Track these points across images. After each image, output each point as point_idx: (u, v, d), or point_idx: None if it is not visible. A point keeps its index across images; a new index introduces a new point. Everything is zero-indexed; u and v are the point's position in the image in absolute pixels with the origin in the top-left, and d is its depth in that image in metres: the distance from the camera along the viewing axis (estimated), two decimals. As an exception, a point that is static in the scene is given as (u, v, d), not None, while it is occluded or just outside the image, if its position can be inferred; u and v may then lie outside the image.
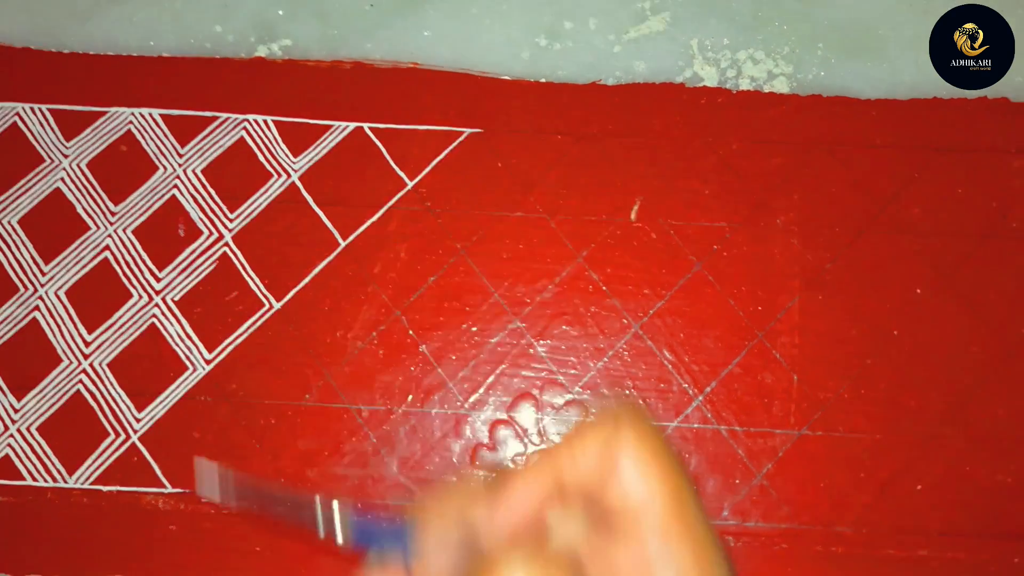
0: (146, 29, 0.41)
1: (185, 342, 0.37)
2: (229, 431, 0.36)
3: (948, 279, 0.37)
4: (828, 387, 0.36)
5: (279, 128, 0.39)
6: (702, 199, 0.38)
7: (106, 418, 0.36)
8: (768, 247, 0.37)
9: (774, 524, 0.35)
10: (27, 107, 0.40)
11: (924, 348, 0.36)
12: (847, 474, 0.35)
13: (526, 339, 0.37)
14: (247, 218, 0.38)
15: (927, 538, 0.34)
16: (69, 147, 0.39)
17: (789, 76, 0.39)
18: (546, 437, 0.36)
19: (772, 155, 0.38)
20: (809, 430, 0.35)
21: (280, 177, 0.39)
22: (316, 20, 0.41)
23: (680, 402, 0.36)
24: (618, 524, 0.24)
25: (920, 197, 0.37)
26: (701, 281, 0.37)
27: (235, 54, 0.41)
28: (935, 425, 0.35)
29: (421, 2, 0.41)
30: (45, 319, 0.38)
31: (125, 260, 0.38)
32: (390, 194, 0.38)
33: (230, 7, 0.41)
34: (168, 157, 0.39)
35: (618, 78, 0.40)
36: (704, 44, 0.40)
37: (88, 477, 0.36)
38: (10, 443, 0.36)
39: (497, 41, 0.40)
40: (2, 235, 0.38)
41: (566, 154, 0.39)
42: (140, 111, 0.40)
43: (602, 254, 0.38)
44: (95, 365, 0.37)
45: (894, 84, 0.39)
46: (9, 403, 0.37)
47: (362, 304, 0.37)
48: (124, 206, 0.39)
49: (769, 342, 0.36)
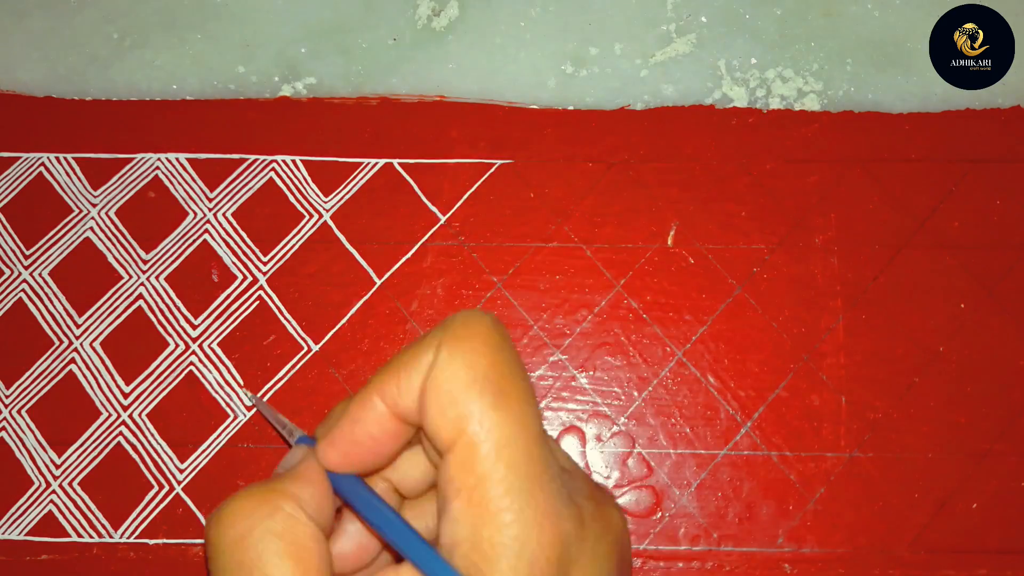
0: (168, 73, 0.41)
1: (224, 389, 0.37)
2: (273, 477, 0.36)
3: (991, 292, 0.36)
4: (877, 407, 0.35)
5: (308, 168, 0.39)
6: (738, 221, 0.38)
7: (148, 470, 0.36)
8: (808, 267, 0.37)
9: (830, 549, 0.34)
10: (52, 157, 0.40)
11: (971, 363, 0.36)
12: (901, 495, 0.34)
13: (568, 371, 0.37)
14: (281, 260, 0.38)
15: (986, 556, 0.34)
16: (97, 196, 0.39)
17: (819, 93, 0.39)
18: (592, 470, 0.36)
19: (807, 174, 0.38)
20: (860, 452, 0.35)
21: (312, 217, 0.38)
22: (339, 57, 0.41)
23: (729, 429, 0.35)
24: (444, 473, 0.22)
25: (958, 210, 0.37)
26: (742, 305, 0.37)
27: (259, 94, 0.40)
28: (987, 441, 0.35)
29: (444, 34, 0.41)
30: (81, 372, 0.37)
31: (159, 308, 0.38)
32: (423, 230, 0.38)
33: (252, 47, 0.41)
34: (197, 202, 0.39)
35: (646, 102, 0.39)
36: (732, 64, 0.40)
37: (134, 531, 0.35)
38: (53, 499, 0.36)
39: (523, 70, 0.40)
40: (34, 288, 0.38)
41: (598, 181, 0.38)
42: (167, 156, 0.39)
43: (640, 281, 0.37)
44: (135, 416, 0.37)
45: (926, 97, 0.39)
46: (50, 458, 0.36)
47: (401, 343, 0.37)
48: (155, 253, 0.38)
49: (815, 364, 0.36)
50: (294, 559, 0.22)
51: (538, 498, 0.21)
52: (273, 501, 0.23)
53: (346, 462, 0.24)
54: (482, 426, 0.21)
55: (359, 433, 0.24)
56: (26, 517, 0.36)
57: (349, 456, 0.24)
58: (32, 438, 0.37)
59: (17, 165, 0.40)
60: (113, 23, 0.42)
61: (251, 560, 0.22)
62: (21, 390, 0.37)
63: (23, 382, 0.37)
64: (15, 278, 0.38)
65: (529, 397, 0.23)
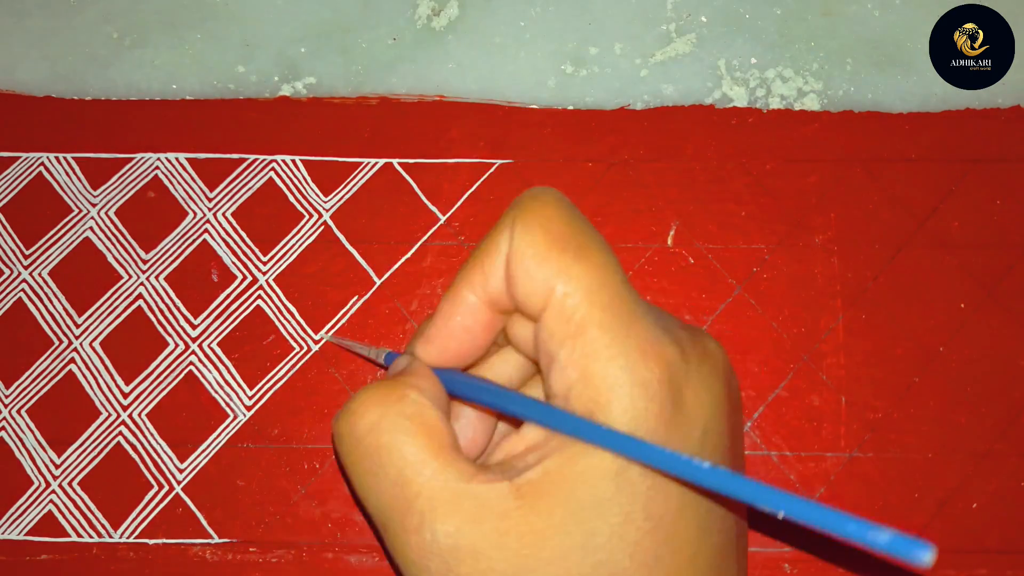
0: (168, 73, 0.41)
1: (224, 389, 0.37)
2: (273, 478, 0.36)
3: (991, 292, 0.36)
4: (877, 407, 0.35)
5: (308, 167, 0.39)
6: (738, 221, 0.38)
7: (148, 470, 0.36)
8: (808, 267, 0.37)
9: (830, 549, 0.34)
10: (52, 157, 0.40)
11: (971, 363, 0.36)
12: (902, 495, 0.34)
13: (568, 371, 0.36)
14: (281, 260, 0.38)
15: (986, 556, 0.34)
16: (96, 195, 0.39)
17: (819, 93, 0.39)
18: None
19: (807, 174, 0.38)
20: (860, 452, 0.35)
21: (312, 217, 0.38)
22: (339, 56, 0.41)
23: (728, 429, 0.35)
24: (543, 336, 0.23)
25: (958, 210, 0.37)
26: (742, 305, 0.37)
27: (259, 94, 0.40)
28: (988, 441, 0.35)
29: (443, 34, 0.41)
30: (81, 372, 0.37)
31: (159, 308, 0.38)
32: (423, 229, 0.38)
33: (252, 47, 0.41)
34: (197, 202, 0.39)
35: (646, 102, 0.39)
36: (732, 64, 0.40)
37: (133, 531, 0.35)
38: (52, 499, 0.36)
39: (522, 70, 0.40)
40: (34, 288, 0.38)
41: (598, 181, 0.38)
42: (166, 156, 0.39)
43: (640, 281, 0.37)
44: (134, 416, 0.37)
45: (925, 97, 0.39)
46: (49, 458, 0.36)
47: (401, 343, 0.37)
48: (155, 253, 0.38)
49: (815, 364, 0.36)
50: (427, 436, 0.23)
51: (636, 330, 0.22)
52: (399, 391, 0.24)
53: (444, 357, 0.26)
54: (570, 279, 0.23)
55: (453, 327, 0.25)
56: (26, 517, 0.36)
57: (447, 351, 0.26)
58: (32, 438, 0.37)
59: (17, 165, 0.40)
60: (113, 23, 0.42)
61: (387, 443, 0.23)
62: (21, 390, 0.37)
63: (23, 382, 0.37)
64: (15, 278, 0.38)
65: (606, 249, 0.24)
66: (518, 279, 0.24)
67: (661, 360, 0.22)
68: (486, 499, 0.22)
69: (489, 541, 0.22)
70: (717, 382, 0.24)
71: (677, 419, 0.22)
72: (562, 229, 0.23)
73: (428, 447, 0.23)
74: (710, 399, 0.24)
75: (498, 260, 0.24)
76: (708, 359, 0.24)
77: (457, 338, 0.25)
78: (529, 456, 0.23)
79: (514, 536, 0.22)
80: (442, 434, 0.24)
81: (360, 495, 0.25)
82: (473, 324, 0.25)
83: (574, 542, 0.22)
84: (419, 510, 0.23)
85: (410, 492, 0.23)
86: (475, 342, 0.26)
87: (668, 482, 0.22)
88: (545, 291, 0.23)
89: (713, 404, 0.24)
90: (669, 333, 0.23)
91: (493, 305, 0.25)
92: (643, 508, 0.22)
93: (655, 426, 0.22)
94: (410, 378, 0.25)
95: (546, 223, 0.24)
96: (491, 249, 0.24)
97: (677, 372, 0.23)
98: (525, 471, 0.23)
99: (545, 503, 0.22)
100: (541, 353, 0.24)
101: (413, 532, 0.23)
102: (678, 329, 0.24)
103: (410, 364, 0.26)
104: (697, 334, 0.25)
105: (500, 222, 0.25)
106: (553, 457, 0.23)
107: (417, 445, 0.23)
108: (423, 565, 0.23)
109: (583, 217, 0.25)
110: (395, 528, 0.23)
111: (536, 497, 0.22)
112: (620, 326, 0.22)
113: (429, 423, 0.24)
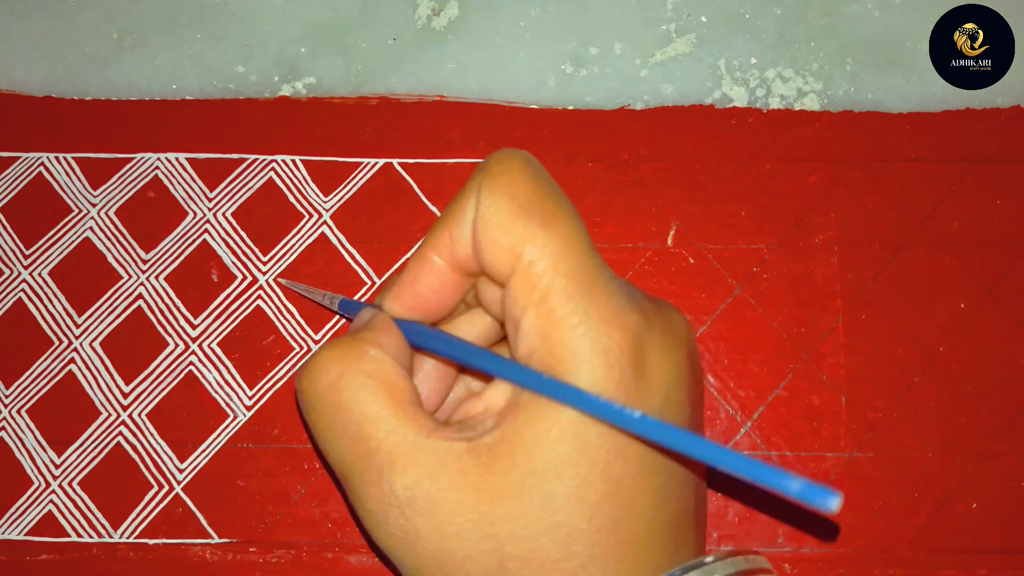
0: (168, 73, 0.41)
1: (224, 389, 0.37)
2: (273, 478, 0.36)
3: (991, 292, 0.36)
4: (877, 407, 0.35)
5: (308, 167, 0.39)
6: (738, 221, 0.38)
7: (148, 470, 0.36)
8: (808, 267, 0.37)
9: (830, 549, 0.34)
10: (52, 157, 0.40)
11: (972, 363, 0.36)
12: (902, 495, 0.34)
13: (568, 371, 0.36)
14: (281, 260, 0.38)
15: (986, 556, 0.34)
16: (96, 195, 0.39)
17: (819, 93, 0.39)
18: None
19: (807, 174, 0.38)
20: (860, 452, 0.35)
21: (312, 217, 0.38)
22: (339, 56, 0.41)
23: (728, 429, 0.35)
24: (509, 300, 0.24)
25: (958, 210, 0.37)
26: (742, 304, 0.37)
27: (259, 94, 0.40)
28: (987, 441, 0.35)
29: (443, 34, 0.41)
30: (81, 372, 0.37)
31: (159, 308, 0.38)
32: (423, 229, 0.38)
33: (252, 47, 0.41)
34: (197, 202, 0.39)
35: (646, 102, 0.39)
36: (732, 64, 0.40)
37: (133, 531, 0.35)
38: (52, 499, 0.36)
39: (522, 70, 0.40)
40: (34, 288, 0.38)
41: (598, 181, 0.38)
42: (166, 156, 0.39)
43: (640, 281, 0.37)
44: (134, 416, 0.37)
45: (925, 97, 0.39)
46: (49, 458, 0.36)
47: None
48: (155, 253, 0.38)
49: (815, 364, 0.36)
50: (387, 392, 0.24)
51: (599, 298, 0.23)
52: (359, 347, 0.25)
53: (411, 315, 0.26)
54: (535, 246, 0.23)
55: (420, 287, 0.26)
56: (26, 517, 0.36)
57: (414, 309, 0.26)
58: (32, 438, 0.37)
59: (17, 165, 0.40)
60: (113, 23, 0.42)
61: (347, 399, 0.24)
62: (21, 390, 0.37)
63: (23, 382, 0.37)
64: (14, 278, 0.38)
65: (573, 214, 0.24)
66: (484, 247, 0.24)
67: (623, 328, 0.23)
68: (444, 454, 0.23)
69: (446, 495, 0.22)
70: (679, 352, 0.25)
71: (639, 385, 0.23)
72: (528, 195, 0.24)
73: (387, 402, 0.23)
74: (672, 368, 0.24)
75: (465, 226, 0.24)
76: (671, 329, 0.25)
77: (424, 297, 0.26)
78: (487, 420, 0.24)
79: (471, 491, 0.22)
80: (402, 390, 0.24)
81: (322, 449, 0.25)
82: (440, 287, 0.26)
83: (532, 501, 0.22)
84: (378, 464, 0.23)
85: (370, 446, 0.23)
86: (443, 302, 0.26)
87: (627, 446, 0.23)
88: (511, 258, 0.23)
89: (675, 373, 0.24)
90: (633, 302, 0.24)
91: (460, 269, 0.25)
92: (601, 471, 0.22)
93: (615, 392, 0.22)
94: (371, 334, 0.25)
95: (512, 189, 0.24)
96: (457, 215, 0.25)
97: (640, 340, 0.23)
98: (484, 434, 0.23)
99: (502, 463, 0.23)
100: (507, 318, 0.24)
101: (372, 484, 0.23)
102: (643, 300, 0.25)
103: (373, 318, 0.26)
104: (662, 305, 0.26)
105: (467, 186, 0.25)
106: (510, 420, 0.23)
107: (376, 401, 0.23)
108: (382, 516, 0.23)
109: (551, 181, 0.25)
110: (355, 481, 0.24)
111: (493, 457, 0.23)
112: (583, 294, 0.23)
113: (389, 379, 0.24)
